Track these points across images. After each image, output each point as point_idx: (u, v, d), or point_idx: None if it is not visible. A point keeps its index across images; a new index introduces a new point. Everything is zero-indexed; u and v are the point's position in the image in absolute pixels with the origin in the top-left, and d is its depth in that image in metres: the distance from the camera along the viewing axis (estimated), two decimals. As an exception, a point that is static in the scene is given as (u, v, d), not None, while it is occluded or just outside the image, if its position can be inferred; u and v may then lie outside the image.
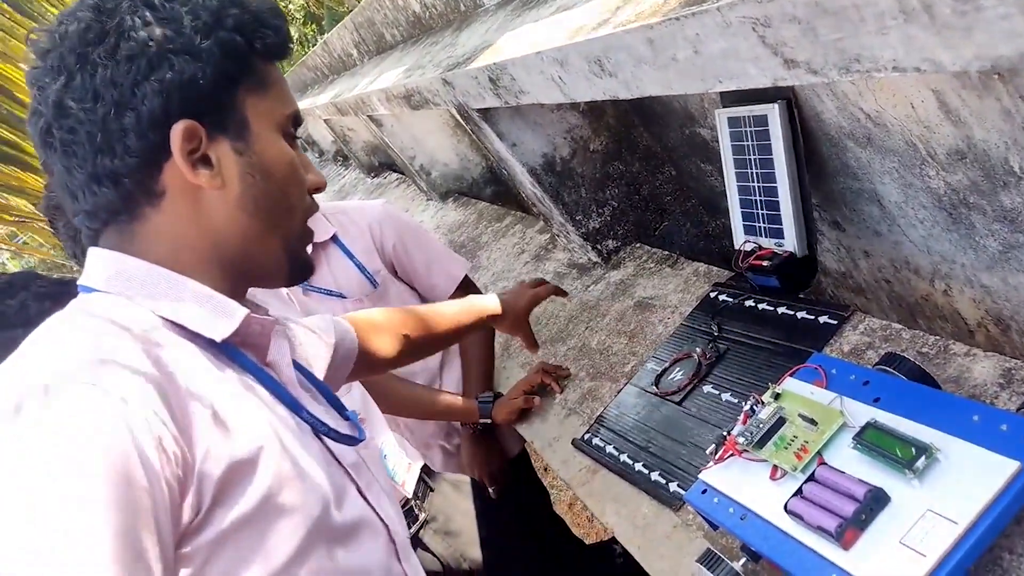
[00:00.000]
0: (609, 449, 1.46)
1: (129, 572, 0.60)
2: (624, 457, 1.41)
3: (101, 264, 0.81)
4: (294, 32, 21.55)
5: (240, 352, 0.83)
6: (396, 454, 1.67)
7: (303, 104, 5.79)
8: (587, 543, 2.51)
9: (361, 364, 1.25)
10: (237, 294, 0.86)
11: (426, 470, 1.74)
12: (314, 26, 20.18)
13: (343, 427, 0.93)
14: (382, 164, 5.32)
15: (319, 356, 1.06)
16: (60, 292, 1.23)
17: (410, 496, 1.64)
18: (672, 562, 1.18)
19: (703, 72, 1.01)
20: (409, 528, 1.62)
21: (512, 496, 2.07)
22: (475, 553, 1.69)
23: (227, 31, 0.80)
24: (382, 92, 2.74)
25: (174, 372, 0.72)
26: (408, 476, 1.66)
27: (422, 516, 1.65)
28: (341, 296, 1.92)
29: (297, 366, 0.95)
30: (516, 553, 1.82)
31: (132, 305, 0.78)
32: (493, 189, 3.71)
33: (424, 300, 2.02)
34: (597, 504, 1.40)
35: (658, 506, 1.28)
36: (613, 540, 2.31)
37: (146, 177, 0.79)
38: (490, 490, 2.00)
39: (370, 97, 3.01)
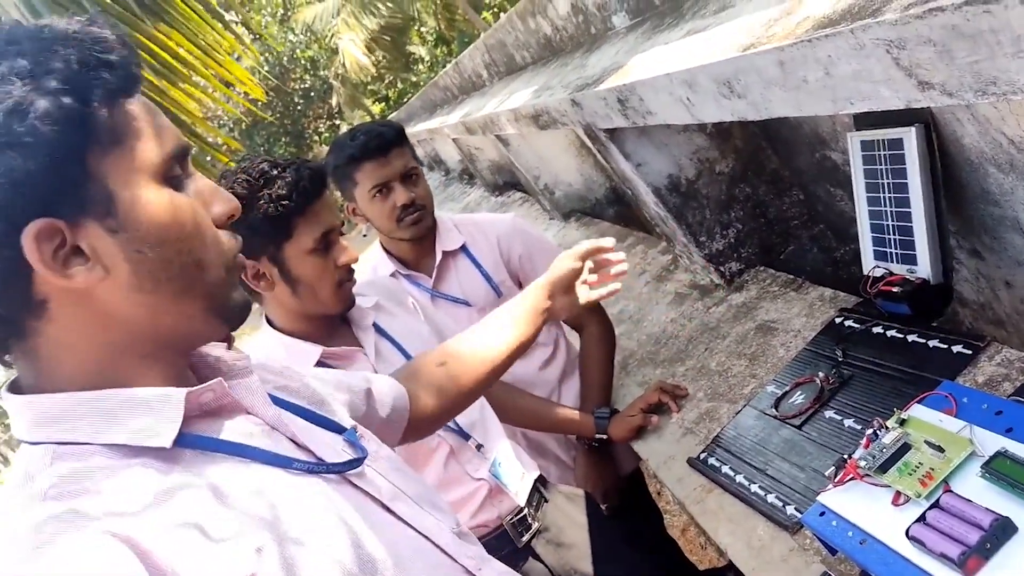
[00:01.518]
0: (725, 469, 1.46)
1: None
2: (740, 478, 1.41)
3: (16, 414, 0.72)
4: (425, 54, 22.28)
5: (200, 437, 0.75)
6: (510, 462, 1.71)
7: (432, 123, 5.99)
8: (700, 569, 2.48)
9: (412, 423, 1.18)
10: (176, 365, 0.79)
11: (541, 480, 1.78)
12: (444, 48, 20.78)
13: (341, 451, 0.88)
14: (507, 183, 5.43)
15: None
16: None
17: (523, 505, 1.67)
18: (787, 585, 1.18)
19: (834, 94, 1.01)
20: (522, 537, 1.65)
21: (625, 513, 2.08)
22: (586, 567, 1.70)
23: (52, 96, 0.65)
24: (511, 112, 2.82)
25: (134, 530, 0.64)
26: (521, 485, 1.69)
27: (535, 525, 1.68)
28: (467, 304, 1.99)
29: (277, 401, 0.88)
30: (627, 571, 1.82)
31: (67, 459, 0.68)
32: (616, 210, 3.73)
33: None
34: (711, 523, 1.40)
35: (774, 528, 1.27)
36: (727, 568, 2.27)
37: (17, 295, 0.69)
38: (603, 506, 2.02)
39: (499, 117, 3.10)
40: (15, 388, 0.74)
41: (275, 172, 1.44)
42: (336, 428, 0.92)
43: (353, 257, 1.52)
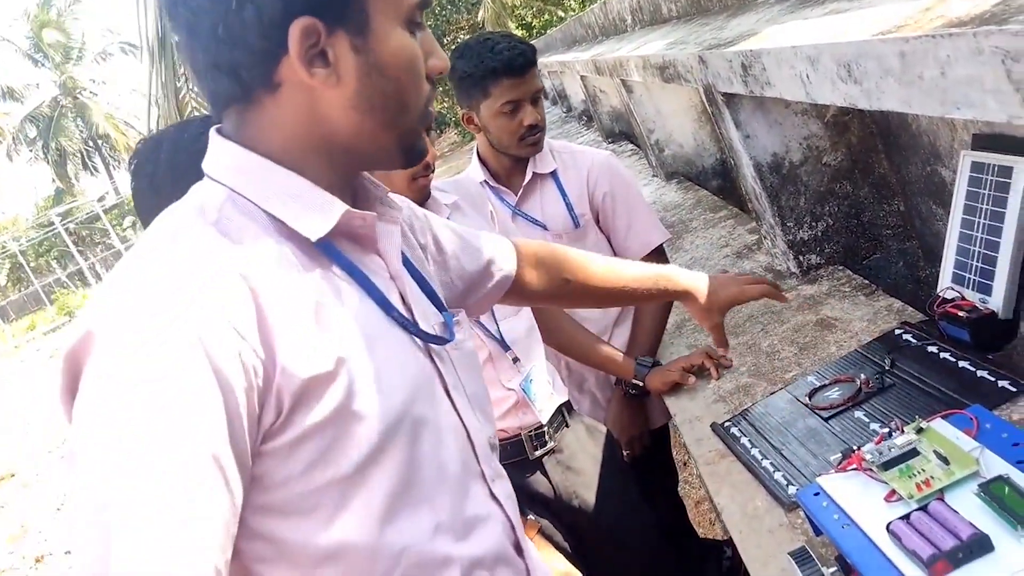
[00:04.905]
0: (743, 440, 1.49)
1: (203, 475, 0.67)
2: (755, 451, 1.44)
3: (221, 154, 0.84)
4: (579, -10, 21.85)
5: (337, 250, 0.84)
6: (542, 382, 1.77)
7: (567, 57, 5.96)
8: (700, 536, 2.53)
9: (512, 292, 1.28)
10: (346, 182, 0.89)
11: (567, 407, 1.84)
12: (600, -11, 20.33)
13: (435, 326, 0.95)
14: (621, 132, 5.41)
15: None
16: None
17: (545, 423, 1.74)
18: (766, 553, 1.22)
19: (944, 95, 1.01)
20: (535, 450, 1.73)
21: (643, 465, 2.14)
22: (588, 496, 1.77)
23: None
24: (640, 59, 2.81)
25: (262, 286, 0.75)
26: (548, 405, 1.76)
27: (551, 444, 1.75)
28: (544, 227, 2.05)
29: (404, 260, 0.96)
30: (627, 516, 1.88)
31: (236, 206, 0.81)
32: (719, 183, 3.70)
33: (615, 255, 2.10)
34: (715, 485, 1.45)
35: (771, 502, 1.31)
36: (725, 543, 2.32)
37: (264, 71, 0.79)
38: (625, 453, 2.08)
39: (628, 61, 3.10)
40: (220, 133, 0.86)
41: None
42: (439, 305, 1.00)
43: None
